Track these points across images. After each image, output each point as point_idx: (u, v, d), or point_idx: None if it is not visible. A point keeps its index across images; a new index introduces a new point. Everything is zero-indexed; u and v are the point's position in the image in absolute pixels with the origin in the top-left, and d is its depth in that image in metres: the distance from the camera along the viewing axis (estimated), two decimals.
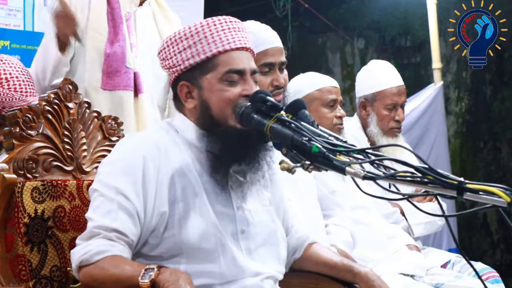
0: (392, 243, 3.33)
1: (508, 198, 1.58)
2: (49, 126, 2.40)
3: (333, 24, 7.40)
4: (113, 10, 3.21)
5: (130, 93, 3.17)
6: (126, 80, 3.16)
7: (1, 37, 4.19)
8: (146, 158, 2.12)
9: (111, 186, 2.10)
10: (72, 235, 2.36)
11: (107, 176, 2.12)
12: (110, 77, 3.15)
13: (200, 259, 2.09)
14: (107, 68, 3.15)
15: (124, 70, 3.16)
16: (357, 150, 1.87)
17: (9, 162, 2.28)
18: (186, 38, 2.19)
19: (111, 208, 2.08)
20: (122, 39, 3.17)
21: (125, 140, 2.27)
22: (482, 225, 6.76)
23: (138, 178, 2.10)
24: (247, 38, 2.23)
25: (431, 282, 3.26)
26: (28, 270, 2.22)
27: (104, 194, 2.10)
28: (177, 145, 2.18)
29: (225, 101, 2.13)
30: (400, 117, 3.76)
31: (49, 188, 2.32)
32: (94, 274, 2.03)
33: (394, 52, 7.31)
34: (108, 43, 3.16)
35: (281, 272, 2.27)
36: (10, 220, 2.23)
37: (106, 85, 3.16)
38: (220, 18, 2.22)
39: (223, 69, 2.15)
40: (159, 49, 2.26)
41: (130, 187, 2.09)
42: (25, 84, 2.95)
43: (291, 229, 2.42)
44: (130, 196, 2.08)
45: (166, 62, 2.22)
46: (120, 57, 3.15)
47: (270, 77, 2.78)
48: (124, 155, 2.15)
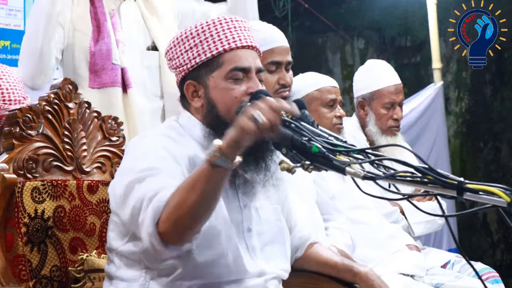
0: (392, 243, 3.33)
1: (508, 198, 1.58)
2: (49, 126, 2.40)
3: (333, 24, 7.40)
4: (95, 9, 3.24)
5: (118, 89, 3.18)
6: (113, 76, 3.17)
7: (1, 37, 4.19)
8: (167, 143, 2.10)
9: (147, 169, 2.02)
10: (72, 235, 2.36)
11: (139, 171, 2.03)
12: (97, 75, 3.17)
13: (208, 255, 2.08)
14: (93, 66, 3.17)
15: (110, 67, 3.17)
16: (357, 150, 1.87)
17: (9, 162, 2.28)
18: (192, 37, 2.19)
19: (156, 180, 1.99)
20: (107, 36, 3.18)
21: (137, 141, 2.22)
22: (482, 225, 6.76)
23: (168, 154, 2.06)
24: (253, 37, 2.23)
25: (431, 282, 3.26)
26: (28, 270, 2.22)
27: (143, 179, 2.01)
28: (188, 142, 2.18)
29: (231, 99, 2.14)
30: (398, 116, 3.76)
31: (49, 188, 2.33)
32: (172, 207, 1.89)
33: (394, 52, 7.31)
34: (93, 42, 3.18)
35: (287, 271, 2.27)
36: (10, 220, 2.24)
37: (93, 83, 3.17)
38: (226, 17, 2.22)
39: (228, 67, 2.16)
40: (166, 49, 2.26)
41: (167, 161, 2.04)
42: (8, 92, 2.93)
43: (294, 228, 2.43)
44: (170, 165, 2.03)
45: (173, 62, 2.23)
46: (106, 54, 3.17)
47: (276, 76, 2.79)
48: (146, 151, 2.10)
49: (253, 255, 2.17)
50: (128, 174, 2.06)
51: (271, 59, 2.77)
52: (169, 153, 2.07)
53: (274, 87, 2.76)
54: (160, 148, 2.08)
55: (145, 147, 2.12)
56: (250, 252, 2.16)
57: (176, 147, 2.11)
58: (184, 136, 2.19)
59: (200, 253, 2.07)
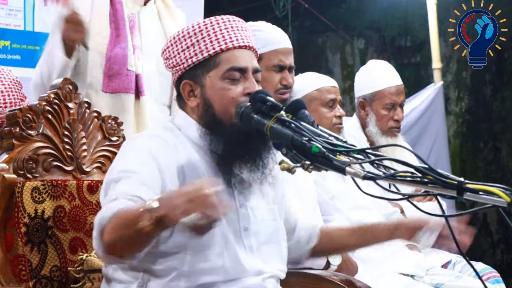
0: (391, 243, 3.32)
1: (508, 198, 1.58)
2: (49, 126, 2.40)
3: (333, 24, 7.41)
4: (116, 11, 3.19)
5: (131, 96, 3.16)
6: (127, 83, 3.15)
7: (2, 37, 4.19)
8: (156, 147, 2.10)
9: (125, 170, 2.03)
10: (72, 235, 2.36)
11: (118, 171, 2.06)
12: (111, 79, 3.14)
13: (205, 256, 2.09)
14: (108, 71, 3.14)
15: (125, 72, 3.15)
16: (357, 150, 1.87)
17: (9, 162, 2.28)
18: (189, 37, 2.19)
19: (128, 182, 2.00)
20: (124, 41, 3.16)
21: (129, 142, 2.26)
22: (482, 225, 6.76)
23: (152, 160, 2.07)
24: (250, 37, 2.24)
25: (431, 282, 3.26)
26: (28, 270, 2.22)
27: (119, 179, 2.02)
28: (182, 143, 2.17)
29: (227, 99, 2.14)
30: (399, 117, 3.76)
31: (49, 188, 2.33)
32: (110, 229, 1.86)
33: (394, 52, 7.31)
34: (110, 45, 3.14)
35: (283, 271, 2.27)
36: (10, 220, 2.24)
37: (107, 87, 3.15)
38: (223, 17, 2.22)
39: (225, 66, 2.16)
40: (163, 48, 2.26)
41: (147, 167, 2.05)
42: (4, 95, 2.92)
43: (297, 224, 2.43)
44: (148, 171, 2.04)
45: (169, 61, 2.23)
46: (122, 59, 3.14)
47: (279, 76, 2.83)
48: (131, 153, 2.12)
49: (250, 254, 2.17)
50: (110, 173, 2.09)
51: (275, 60, 2.82)
52: (153, 159, 2.07)
53: (276, 87, 2.80)
54: (144, 152, 2.08)
55: (131, 149, 2.14)
56: (247, 251, 2.16)
57: (164, 154, 2.10)
58: (179, 137, 2.19)
59: (195, 255, 2.08)
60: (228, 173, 2.16)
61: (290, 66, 2.86)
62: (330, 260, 2.70)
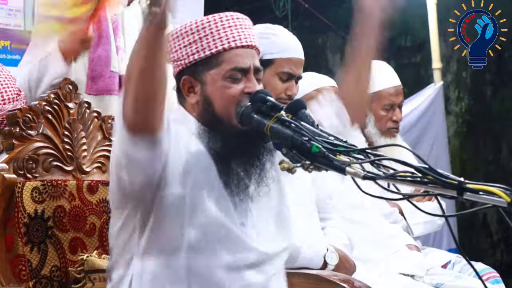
0: (391, 243, 3.33)
1: (508, 198, 1.58)
2: (49, 126, 2.40)
3: (333, 24, 7.40)
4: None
5: (115, 97, 3.15)
6: (110, 84, 3.14)
7: (1, 37, 4.19)
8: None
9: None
10: (72, 235, 2.36)
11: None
12: (95, 81, 3.13)
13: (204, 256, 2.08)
14: (91, 73, 3.13)
15: (108, 74, 3.13)
16: (357, 150, 1.87)
17: (9, 162, 2.29)
18: (192, 33, 2.18)
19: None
20: (107, 42, 3.14)
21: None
22: (482, 225, 6.75)
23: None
24: (253, 35, 2.23)
25: (431, 282, 3.26)
26: (28, 270, 2.23)
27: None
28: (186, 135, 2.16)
29: (228, 98, 2.13)
30: (397, 117, 3.76)
31: (49, 188, 2.33)
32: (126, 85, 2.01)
33: (394, 52, 7.29)
34: (92, 47, 3.14)
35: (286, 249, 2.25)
36: (10, 220, 2.24)
37: (90, 89, 3.13)
38: (227, 14, 2.22)
39: (227, 66, 2.15)
40: None
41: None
42: (1, 92, 2.91)
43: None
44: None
45: (170, 55, 2.22)
46: (105, 61, 3.13)
47: (286, 85, 2.86)
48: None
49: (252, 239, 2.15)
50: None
51: (286, 68, 2.85)
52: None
53: (280, 95, 2.81)
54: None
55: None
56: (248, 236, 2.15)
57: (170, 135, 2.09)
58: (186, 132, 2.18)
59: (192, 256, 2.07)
60: (226, 169, 2.16)
61: (298, 77, 2.89)
62: (327, 259, 2.70)
